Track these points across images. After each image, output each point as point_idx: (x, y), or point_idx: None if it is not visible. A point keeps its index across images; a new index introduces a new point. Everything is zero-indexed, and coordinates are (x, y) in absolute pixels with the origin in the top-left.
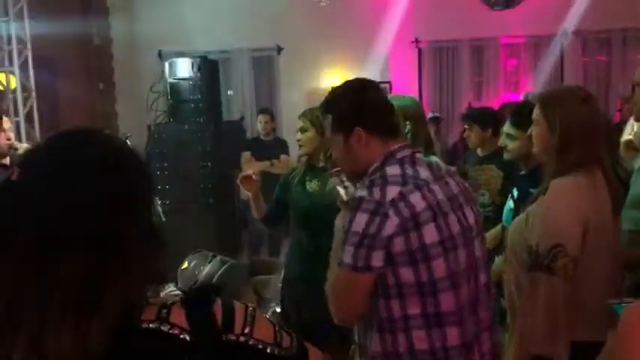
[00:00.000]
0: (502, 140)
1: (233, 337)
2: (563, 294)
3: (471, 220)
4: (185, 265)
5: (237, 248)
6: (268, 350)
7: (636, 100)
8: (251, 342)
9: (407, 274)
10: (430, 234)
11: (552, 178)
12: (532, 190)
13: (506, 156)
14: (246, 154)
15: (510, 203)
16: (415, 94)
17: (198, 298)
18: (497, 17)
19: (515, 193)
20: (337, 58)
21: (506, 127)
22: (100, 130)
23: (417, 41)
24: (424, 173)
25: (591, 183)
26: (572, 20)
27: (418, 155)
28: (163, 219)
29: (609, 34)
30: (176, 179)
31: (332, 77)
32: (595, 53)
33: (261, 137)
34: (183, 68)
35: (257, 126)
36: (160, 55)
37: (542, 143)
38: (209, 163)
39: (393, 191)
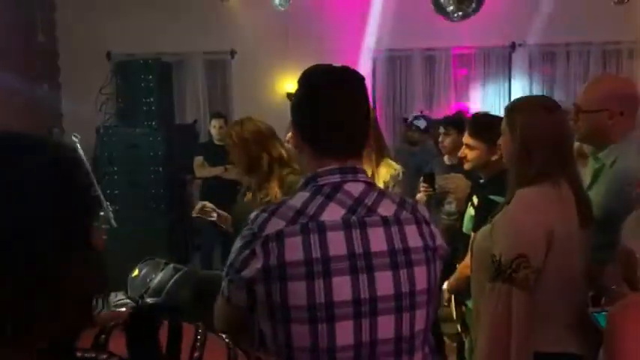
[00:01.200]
0: (462, 150)
1: None
2: (524, 305)
3: (387, 289)
4: (135, 272)
5: (189, 255)
6: None
7: (580, 125)
8: None
9: (266, 328)
10: (295, 294)
11: (516, 188)
12: (493, 197)
13: (466, 166)
14: (198, 159)
15: (471, 210)
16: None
17: (141, 322)
18: (449, 28)
19: (475, 200)
20: (292, 65)
21: (465, 138)
22: (33, 135)
23: (371, 50)
24: (332, 214)
25: (557, 194)
26: (519, 33)
27: (351, 186)
28: (115, 225)
29: (554, 47)
30: (126, 184)
31: (286, 84)
32: (541, 66)
33: (215, 142)
34: (136, 70)
35: (210, 130)
36: (108, 55)
37: (506, 152)
38: (160, 168)
39: (273, 226)
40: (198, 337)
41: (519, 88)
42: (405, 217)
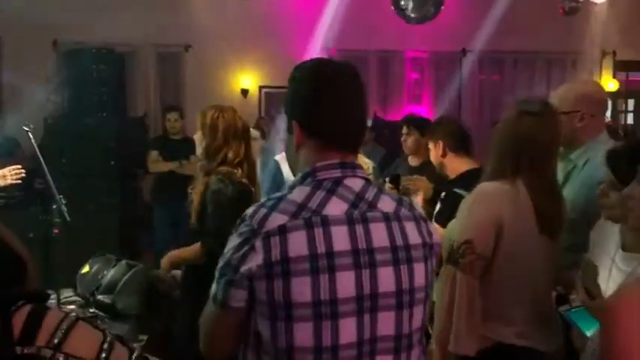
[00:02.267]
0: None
1: (32, 350)
2: (465, 289)
3: (388, 285)
4: (86, 269)
5: (141, 252)
6: None
7: None
8: (59, 356)
9: (265, 329)
10: (300, 290)
11: (484, 182)
12: (457, 190)
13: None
14: (153, 154)
15: (438, 205)
16: None
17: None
18: (403, 31)
19: (443, 194)
20: (247, 62)
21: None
22: None
23: (327, 49)
24: (335, 209)
25: (516, 193)
26: (470, 40)
27: (351, 181)
28: (68, 219)
29: (502, 55)
30: (74, 177)
31: (241, 79)
32: (490, 72)
33: (170, 136)
34: (85, 60)
35: (165, 124)
36: (54, 43)
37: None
38: (112, 161)
39: (275, 221)
40: (63, 323)
41: (469, 94)
42: (404, 214)
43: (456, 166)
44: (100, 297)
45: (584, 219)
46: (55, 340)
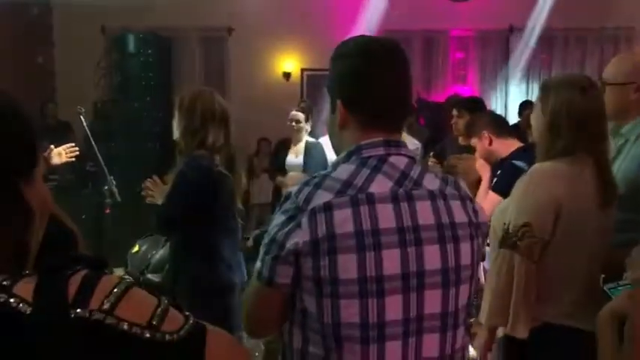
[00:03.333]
0: None
1: (85, 314)
2: (524, 273)
3: (434, 263)
4: (136, 248)
5: None
6: (134, 331)
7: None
8: (109, 320)
9: (311, 305)
10: (346, 267)
11: (539, 162)
12: (515, 162)
13: None
14: None
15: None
16: None
17: (56, 267)
18: (448, 10)
19: (498, 172)
20: (290, 45)
21: None
22: None
23: (370, 30)
24: (381, 186)
25: (575, 171)
26: (518, 17)
27: (395, 159)
28: (119, 199)
29: (552, 32)
30: (123, 159)
31: (283, 62)
32: (539, 50)
33: None
34: (134, 44)
35: None
36: (103, 30)
37: (535, 127)
38: (157, 144)
39: (320, 198)
40: (116, 287)
41: (516, 72)
42: (449, 192)
43: (506, 147)
44: (149, 276)
45: (636, 195)
46: (108, 304)
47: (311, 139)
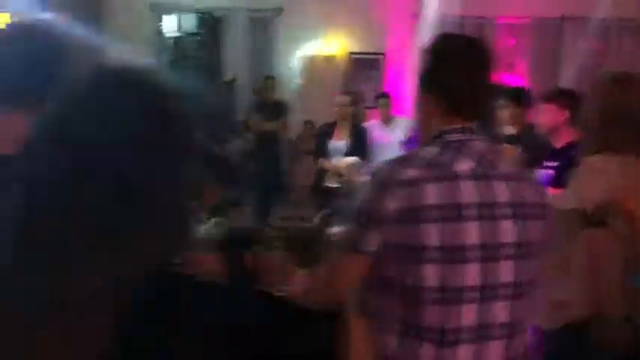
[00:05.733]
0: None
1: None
2: (616, 249)
3: (509, 236)
4: None
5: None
6: None
7: None
8: None
9: (393, 272)
10: (429, 236)
11: (586, 156)
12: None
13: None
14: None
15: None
16: (412, 70)
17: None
18: None
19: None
20: (336, 27)
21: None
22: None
23: (418, 16)
24: (462, 165)
25: (624, 165)
26: (571, 6)
27: (473, 143)
28: None
29: (605, 22)
30: None
31: (330, 44)
32: (592, 40)
33: (267, 100)
34: (187, 23)
35: (263, 88)
36: (152, 7)
37: (583, 121)
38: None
39: (408, 173)
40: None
41: (569, 63)
42: (521, 175)
43: (567, 137)
44: None
45: None
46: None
47: (356, 124)
